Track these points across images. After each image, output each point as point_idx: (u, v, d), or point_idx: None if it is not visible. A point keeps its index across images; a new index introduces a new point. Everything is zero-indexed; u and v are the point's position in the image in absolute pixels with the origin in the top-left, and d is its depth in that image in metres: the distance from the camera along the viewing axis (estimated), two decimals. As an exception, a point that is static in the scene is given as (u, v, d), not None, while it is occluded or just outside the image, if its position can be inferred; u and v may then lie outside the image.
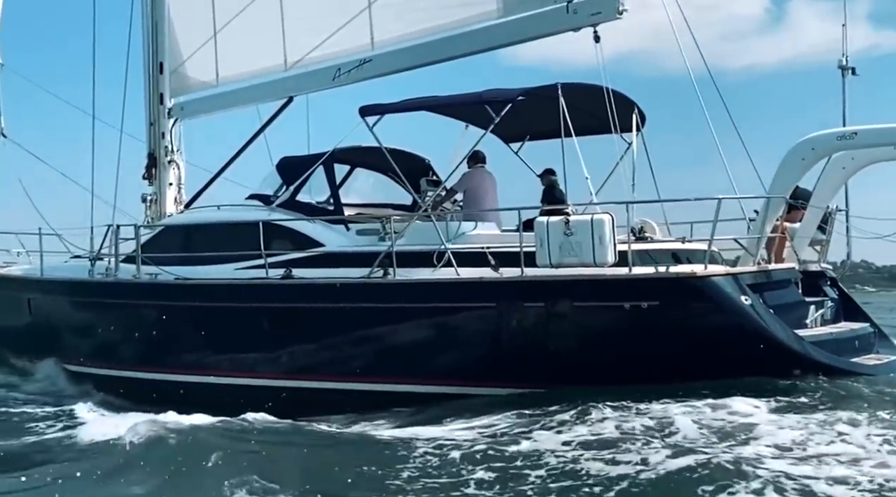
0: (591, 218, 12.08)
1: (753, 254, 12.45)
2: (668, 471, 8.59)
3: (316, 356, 13.85)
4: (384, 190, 17.10)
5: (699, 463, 8.62)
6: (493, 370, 12.72)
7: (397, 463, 9.69)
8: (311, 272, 14.23)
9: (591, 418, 10.75)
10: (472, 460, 9.58)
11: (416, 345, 13.19)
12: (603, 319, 12.12)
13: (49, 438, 12.06)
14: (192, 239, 15.79)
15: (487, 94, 14.00)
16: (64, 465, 10.18)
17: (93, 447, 10.90)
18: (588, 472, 8.89)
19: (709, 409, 10.72)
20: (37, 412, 13.84)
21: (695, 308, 11.75)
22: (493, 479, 8.98)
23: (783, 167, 12.46)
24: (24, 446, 11.58)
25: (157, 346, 15.03)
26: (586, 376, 12.07)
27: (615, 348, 12.00)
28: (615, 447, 9.57)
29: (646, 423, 10.42)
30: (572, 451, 9.67)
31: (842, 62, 14.25)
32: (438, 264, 13.38)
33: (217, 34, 17.92)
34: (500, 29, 14.82)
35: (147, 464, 9.71)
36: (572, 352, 12.25)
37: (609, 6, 13.62)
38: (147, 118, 18.69)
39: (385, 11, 15.94)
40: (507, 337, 12.63)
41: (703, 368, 11.57)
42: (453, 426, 11.42)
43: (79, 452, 10.83)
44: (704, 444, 9.47)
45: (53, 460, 10.52)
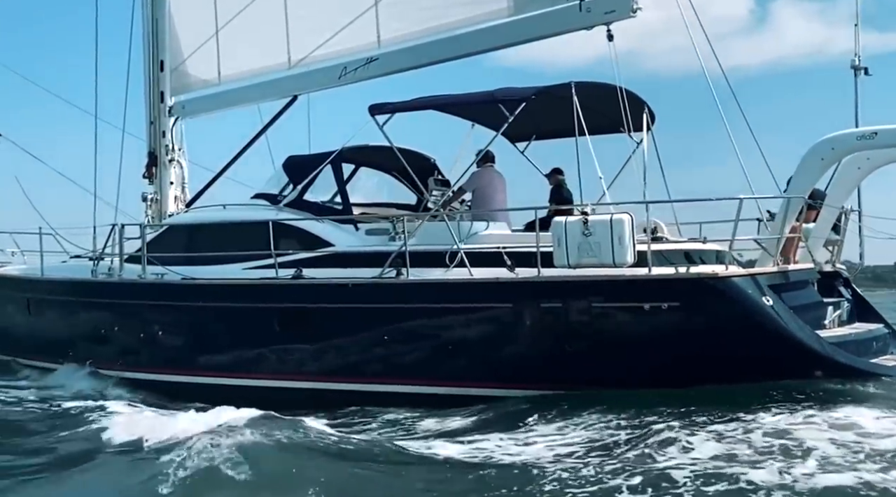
0: (611, 218, 11.97)
1: (773, 254, 12.36)
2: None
3: (327, 357, 13.70)
4: (388, 189, 17.00)
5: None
6: (508, 371, 12.61)
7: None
8: (320, 272, 14.10)
9: (703, 430, 10.07)
10: (616, 471, 8.97)
11: (430, 346, 13.07)
12: (622, 320, 12.03)
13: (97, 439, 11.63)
14: (197, 238, 15.61)
15: (500, 92, 13.89)
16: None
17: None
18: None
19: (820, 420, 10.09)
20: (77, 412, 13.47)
21: (716, 309, 11.67)
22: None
23: (802, 167, 12.39)
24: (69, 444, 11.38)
25: (167, 348, 14.86)
26: (604, 378, 11.99)
27: (634, 349, 11.91)
28: (758, 464, 8.80)
29: (772, 439, 9.60)
30: (723, 468, 8.79)
31: (854, 62, 14.20)
32: (451, 264, 13.28)
33: (219, 32, 17.71)
34: (510, 27, 14.68)
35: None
36: (590, 353, 12.15)
37: (623, 4, 13.52)
38: (147, 116, 18.49)
39: (391, 9, 15.78)
40: (523, 338, 12.52)
41: (723, 370, 11.49)
42: (547, 439, 10.56)
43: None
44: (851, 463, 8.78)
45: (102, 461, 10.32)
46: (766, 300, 11.61)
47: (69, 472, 9.74)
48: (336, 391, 13.48)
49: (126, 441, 10.73)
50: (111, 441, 10.93)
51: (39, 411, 13.61)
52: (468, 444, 10.52)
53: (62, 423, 12.39)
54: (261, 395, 13.64)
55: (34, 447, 11.15)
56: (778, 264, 12.46)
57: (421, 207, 15.80)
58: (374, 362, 13.40)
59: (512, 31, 14.72)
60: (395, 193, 16.92)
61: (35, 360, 17.00)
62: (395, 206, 16.17)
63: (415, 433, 11.68)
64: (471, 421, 11.86)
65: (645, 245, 12.08)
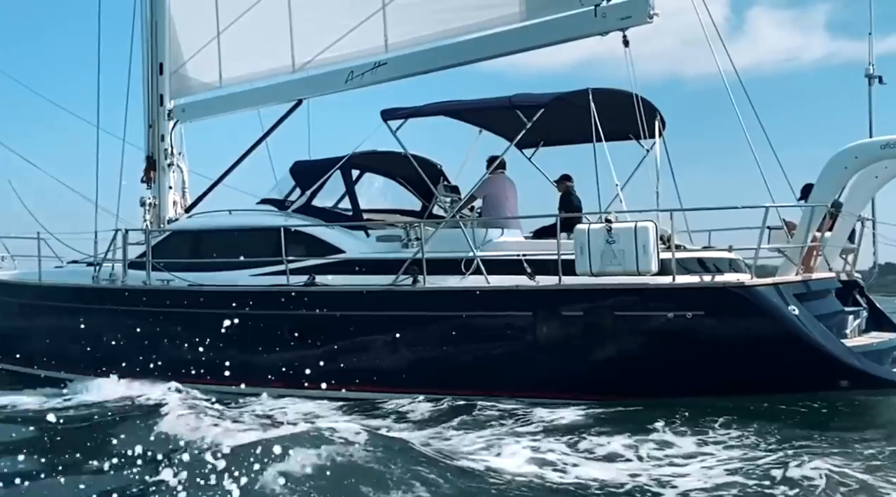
0: (635, 225, 11.88)
1: (796, 263, 12.30)
2: None
3: (342, 364, 13.51)
4: (391, 195, 16.86)
5: None
6: (527, 380, 12.49)
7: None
8: (331, 279, 13.92)
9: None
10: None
11: (448, 354, 12.91)
12: (645, 329, 11.93)
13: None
14: (203, 244, 15.40)
15: (518, 98, 13.77)
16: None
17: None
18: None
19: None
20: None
21: (742, 318, 11.61)
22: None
23: (825, 175, 12.35)
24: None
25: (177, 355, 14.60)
26: (627, 387, 11.89)
27: (658, 358, 11.82)
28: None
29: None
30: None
31: (868, 71, 14.18)
32: (467, 272, 13.15)
33: (220, 35, 17.48)
34: (522, 32, 14.51)
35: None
36: (612, 362, 12.06)
37: (640, 10, 13.41)
38: (146, 120, 18.21)
39: (400, 13, 15.59)
40: (544, 346, 12.40)
41: (748, 379, 11.45)
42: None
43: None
44: None
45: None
46: (791, 309, 11.55)
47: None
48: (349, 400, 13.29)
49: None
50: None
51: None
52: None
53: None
54: None
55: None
56: (800, 273, 12.41)
57: (426, 214, 15.70)
58: (388, 370, 13.23)
59: (524, 37, 14.54)
60: (398, 199, 16.79)
61: (46, 370, 16.32)
62: (399, 212, 16.04)
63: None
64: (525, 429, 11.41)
65: (668, 253, 12.00)
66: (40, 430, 11.48)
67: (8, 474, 8.55)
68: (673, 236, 12.12)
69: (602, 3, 13.70)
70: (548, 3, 14.28)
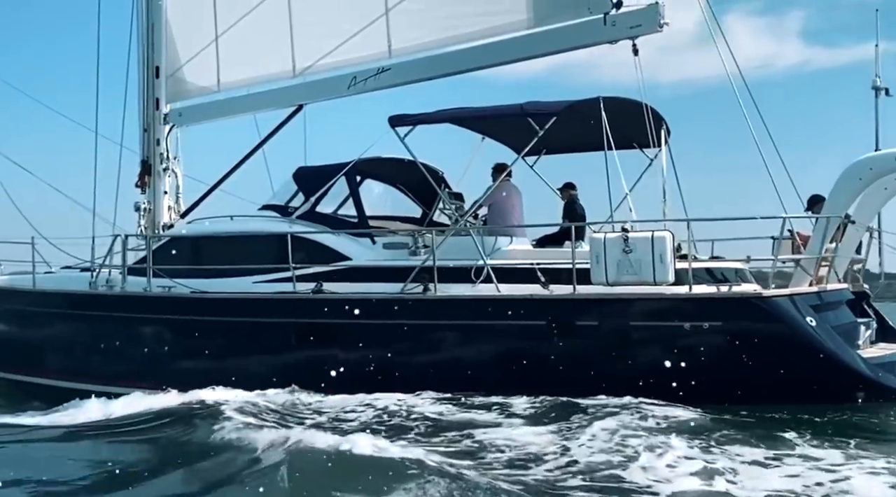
0: (652, 235, 11.83)
1: (811, 273, 12.31)
2: None
3: (350, 373, 13.39)
4: (391, 202, 16.73)
5: None
6: (538, 389, 12.39)
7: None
8: (337, 286, 13.79)
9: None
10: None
11: (460, 362, 12.82)
12: (661, 339, 11.89)
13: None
14: (204, 250, 15.22)
15: (529, 106, 13.70)
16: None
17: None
18: None
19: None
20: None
21: (759, 329, 11.59)
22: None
23: (839, 186, 12.37)
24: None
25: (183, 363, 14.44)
26: (643, 397, 11.84)
27: (674, 369, 11.77)
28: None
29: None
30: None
31: (875, 83, 14.21)
32: (477, 280, 13.07)
33: (219, 38, 17.28)
34: (530, 40, 14.44)
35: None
36: (627, 372, 11.99)
37: (650, 19, 13.38)
38: (141, 124, 17.98)
39: (403, 18, 15.44)
40: (558, 356, 12.33)
41: (765, 390, 11.43)
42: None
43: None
44: None
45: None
46: (809, 320, 11.56)
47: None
48: None
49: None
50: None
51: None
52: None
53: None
54: None
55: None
56: (814, 284, 12.42)
57: (426, 221, 15.62)
58: (398, 378, 13.11)
59: (532, 44, 14.48)
60: (397, 206, 16.67)
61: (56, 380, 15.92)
62: (398, 220, 15.93)
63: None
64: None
65: (682, 263, 11.98)
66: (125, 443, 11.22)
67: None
68: (690, 246, 12.07)
69: (611, 12, 13.66)
70: (556, 11, 14.20)
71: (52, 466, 10.26)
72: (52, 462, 10.59)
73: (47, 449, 11.41)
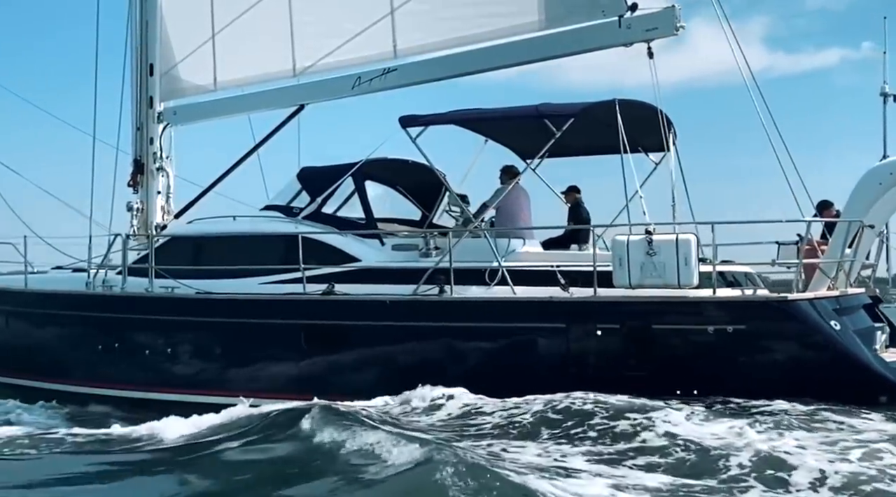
0: (676, 238, 11.78)
1: (831, 278, 12.33)
2: None
3: (363, 376, 13.22)
4: (389, 204, 16.57)
5: None
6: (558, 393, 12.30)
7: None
8: (347, 288, 13.61)
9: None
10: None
11: (477, 366, 12.68)
12: (685, 343, 11.84)
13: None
14: (208, 250, 14.94)
15: (545, 107, 13.61)
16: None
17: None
18: None
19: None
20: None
21: (784, 332, 11.58)
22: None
23: (859, 191, 12.40)
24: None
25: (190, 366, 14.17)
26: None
27: (697, 373, 11.74)
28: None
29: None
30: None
31: (883, 89, 14.32)
32: (492, 282, 12.95)
33: (216, 36, 17.02)
34: (542, 42, 14.34)
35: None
36: (650, 376, 11.92)
37: (667, 23, 13.34)
38: (133, 122, 17.68)
39: (409, 19, 15.30)
40: (578, 359, 12.24)
41: (789, 394, 11.39)
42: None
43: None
44: None
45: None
46: (833, 324, 11.57)
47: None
48: None
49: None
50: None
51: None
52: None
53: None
54: None
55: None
56: (832, 288, 12.44)
57: (426, 224, 15.50)
58: (413, 382, 12.94)
59: (544, 46, 14.38)
60: (396, 208, 16.51)
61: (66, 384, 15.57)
62: (397, 221, 15.77)
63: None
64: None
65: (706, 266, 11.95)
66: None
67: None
68: (715, 249, 12.02)
69: (626, 14, 13.62)
70: (569, 13, 14.11)
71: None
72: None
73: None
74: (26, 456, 11.50)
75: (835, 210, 13.96)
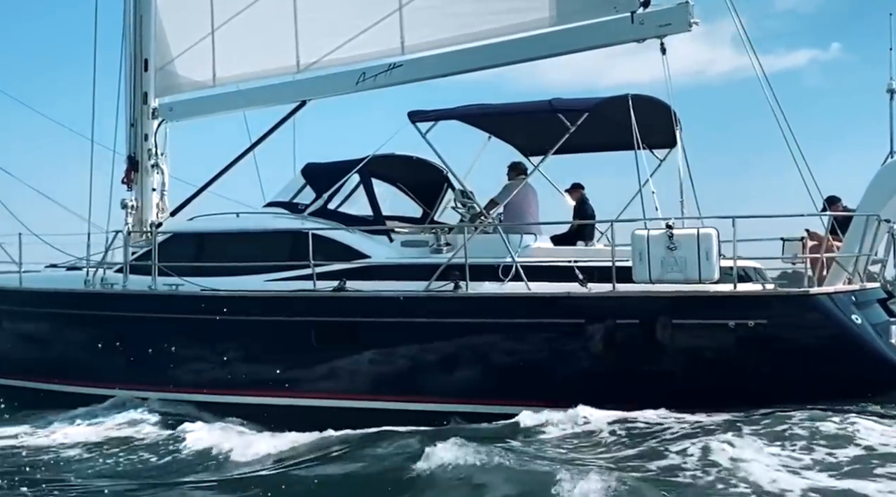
0: (698, 232, 11.71)
1: (850, 272, 12.31)
2: None
3: (377, 374, 13.04)
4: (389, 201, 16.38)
5: None
6: (575, 391, 12.17)
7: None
8: (356, 285, 13.43)
9: None
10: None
11: (493, 363, 12.54)
12: (705, 338, 11.76)
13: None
14: (211, 247, 14.70)
15: (558, 103, 13.49)
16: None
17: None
18: None
19: None
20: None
21: (806, 326, 11.54)
22: None
23: (876, 186, 12.40)
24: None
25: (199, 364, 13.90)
26: (684, 398, 11.70)
27: (718, 368, 11.67)
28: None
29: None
30: None
31: (891, 86, 14.35)
32: (506, 278, 12.82)
33: (215, 31, 16.77)
34: (552, 38, 14.26)
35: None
36: (670, 372, 11.85)
37: (680, 18, 13.29)
38: (127, 118, 17.39)
39: (417, 15, 15.14)
40: (596, 356, 12.13)
41: (810, 389, 11.36)
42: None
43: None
44: None
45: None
46: (855, 318, 11.55)
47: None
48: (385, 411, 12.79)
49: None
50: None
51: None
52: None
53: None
54: (297, 415, 12.94)
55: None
56: (849, 282, 12.43)
57: (427, 221, 15.37)
58: (426, 380, 12.81)
59: (554, 42, 14.30)
60: (395, 205, 16.35)
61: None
62: (398, 219, 15.62)
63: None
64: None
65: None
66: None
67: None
68: (735, 245, 11.95)
69: (638, 10, 13.56)
70: (580, 10, 14.01)
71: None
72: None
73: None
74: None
75: (842, 205, 14.01)
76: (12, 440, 12.82)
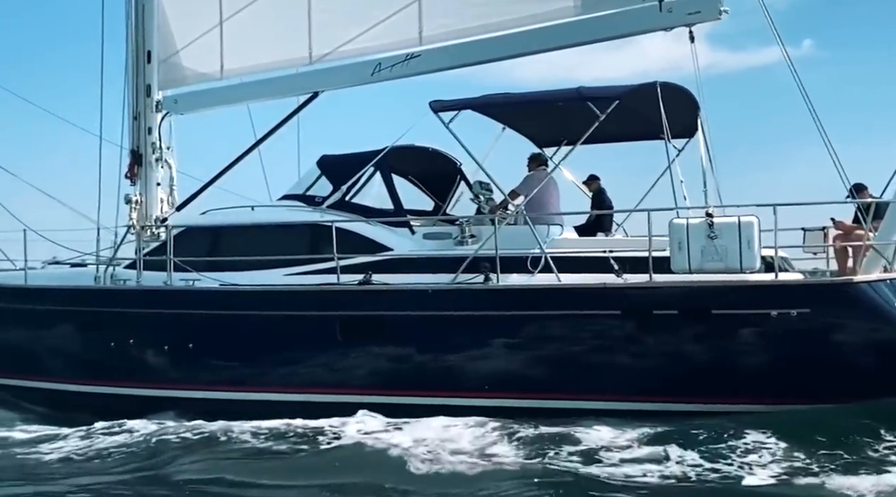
0: (738, 220, 11.47)
1: (890, 260, 12.11)
2: None
3: (406, 368, 12.71)
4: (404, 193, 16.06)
5: None
6: (614, 384, 11.92)
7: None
8: (380, 278, 13.10)
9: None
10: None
11: (526, 356, 12.25)
12: (747, 328, 11.53)
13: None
14: (225, 242, 14.33)
15: (587, 90, 13.23)
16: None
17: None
18: None
19: None
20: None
21: (851, 315, 11.32)
22: None
23: None
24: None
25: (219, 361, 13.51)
26: (725, 390, 11.49)
27: (760, 359, 11.44)
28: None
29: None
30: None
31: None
32: (535, 270, 12.54)
33: (223, 23, 16.34)
34: (578, 27, 14.01)
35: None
36: (709, 363, 11.61)
37: (710, 6, 13.09)
38: (130, 111, 16.91)
39: (436, 4, 14.83)
40: (632, 348, 11.87)
41: (856, 380, 11.17)
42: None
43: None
44: None
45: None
46: None
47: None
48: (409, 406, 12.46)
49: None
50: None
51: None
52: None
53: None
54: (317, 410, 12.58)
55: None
56: (887, 269, 12.21)
57: (440, 214, 15.08)
58: (456, 374, 12.49)
59: (579, 31, 14.05)
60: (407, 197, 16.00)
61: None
62: (416, 212, 15.28)
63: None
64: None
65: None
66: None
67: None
68: (776, 234, 11.72)
69: (666, -3, 13.34)
70: (603, -2, 13.83)
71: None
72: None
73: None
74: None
75: (868, 193, 13.81)
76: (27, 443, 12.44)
